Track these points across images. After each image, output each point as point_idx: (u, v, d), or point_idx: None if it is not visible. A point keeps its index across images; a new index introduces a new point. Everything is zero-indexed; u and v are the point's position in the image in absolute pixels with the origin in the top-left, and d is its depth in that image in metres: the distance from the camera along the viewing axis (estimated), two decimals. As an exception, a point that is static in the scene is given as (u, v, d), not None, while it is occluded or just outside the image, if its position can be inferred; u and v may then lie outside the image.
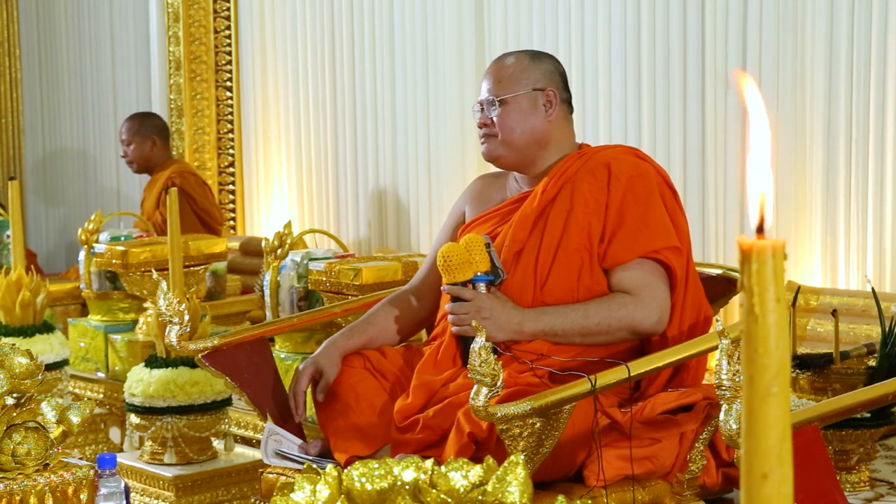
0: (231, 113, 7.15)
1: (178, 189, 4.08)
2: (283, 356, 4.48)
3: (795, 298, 3.63)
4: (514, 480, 1.54)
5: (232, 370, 3.36)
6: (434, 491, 1.55)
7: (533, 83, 3.24)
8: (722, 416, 2.52)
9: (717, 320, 2.77)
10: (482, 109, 3.26)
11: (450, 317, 3.15)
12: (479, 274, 3.13)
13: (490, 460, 1.58)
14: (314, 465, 1.69)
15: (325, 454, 3.19)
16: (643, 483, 2.98)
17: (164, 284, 3.42)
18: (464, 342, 3.13)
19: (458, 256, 3.12)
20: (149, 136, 6.42)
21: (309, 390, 3.28)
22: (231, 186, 7.18)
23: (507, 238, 3.17)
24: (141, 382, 4.10)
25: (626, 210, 3.11)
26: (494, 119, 3.22)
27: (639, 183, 3.13)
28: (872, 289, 3.75)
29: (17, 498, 2.81)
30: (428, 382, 3.12)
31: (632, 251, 3.10)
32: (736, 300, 3.71)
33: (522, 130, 3.21)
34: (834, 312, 3.47)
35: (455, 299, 3.14)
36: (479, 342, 2.63)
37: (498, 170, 3.41)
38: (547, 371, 3.02)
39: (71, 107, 8.25)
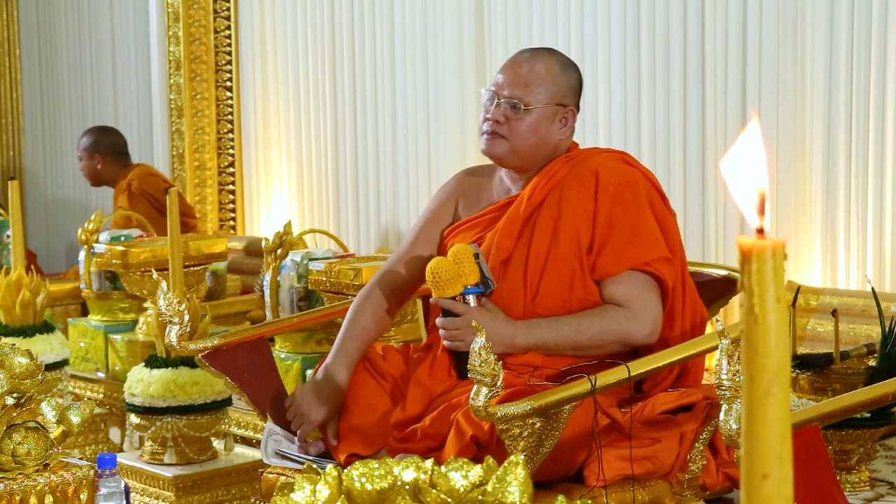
0: (231, 113, 7.15)
1: (141, 190, 4.06)
2: (283, 356, 4.48)
3: (795, 298, 3.63)
4: (514, 480, 1.54)
5: (232, 370, 3.36)
6: (434, 491, 1.55)
7: (559, 97, 3.14)
8: (722, 416, 2.52)
9: (717, 320, 2.76)
10: (496, 102, 3.15)
11: (441, 332, 3.10)
12: (468, 286, 3.08)
13: (490, 460, 1.58)
14: (314, 465, 1.69)
15: (325, 454, 3.19)
16: (643, 483, 2.97)
17: (164, 284, 3.42)
18: (456, 356, 3.09)
19: (447, 271, 3.06)
20: (94, 155, 6.45)
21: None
22: (231, 186, 7.18)
23: (494, 246, 3.13)
24: (141, 382, 4.10)
25: (615, 220, 3.07)
26: (508, 119, 3.13)
27: (627, 191, 3.09)
28: (872, 289, 3.75)
29: (17, 498, 2.81)
30: (425, 393, 3.09)
31: (622, 263, 3.06)
32: (736, 300, 3.70)
33: (535, 141, 3.13)
34: (834, 312, 3.47)
35: (446, 313, 3.10)
36: (478, 342, 2.62)
37: (485, 163, 3.37)
38: (544, 378, 3.01)
39: (71, 107, 8.25)
